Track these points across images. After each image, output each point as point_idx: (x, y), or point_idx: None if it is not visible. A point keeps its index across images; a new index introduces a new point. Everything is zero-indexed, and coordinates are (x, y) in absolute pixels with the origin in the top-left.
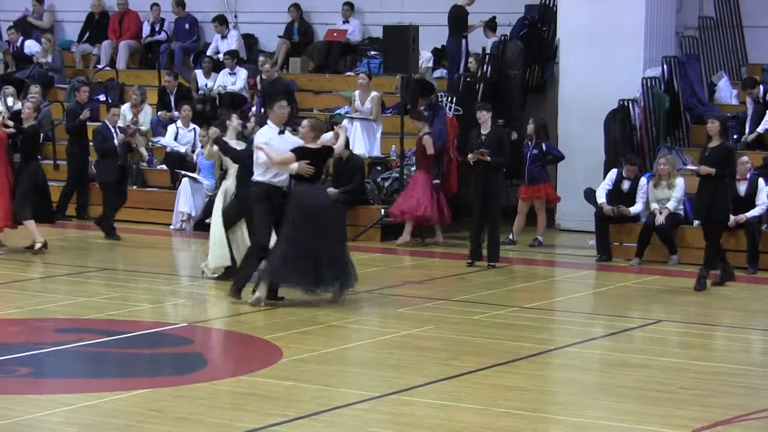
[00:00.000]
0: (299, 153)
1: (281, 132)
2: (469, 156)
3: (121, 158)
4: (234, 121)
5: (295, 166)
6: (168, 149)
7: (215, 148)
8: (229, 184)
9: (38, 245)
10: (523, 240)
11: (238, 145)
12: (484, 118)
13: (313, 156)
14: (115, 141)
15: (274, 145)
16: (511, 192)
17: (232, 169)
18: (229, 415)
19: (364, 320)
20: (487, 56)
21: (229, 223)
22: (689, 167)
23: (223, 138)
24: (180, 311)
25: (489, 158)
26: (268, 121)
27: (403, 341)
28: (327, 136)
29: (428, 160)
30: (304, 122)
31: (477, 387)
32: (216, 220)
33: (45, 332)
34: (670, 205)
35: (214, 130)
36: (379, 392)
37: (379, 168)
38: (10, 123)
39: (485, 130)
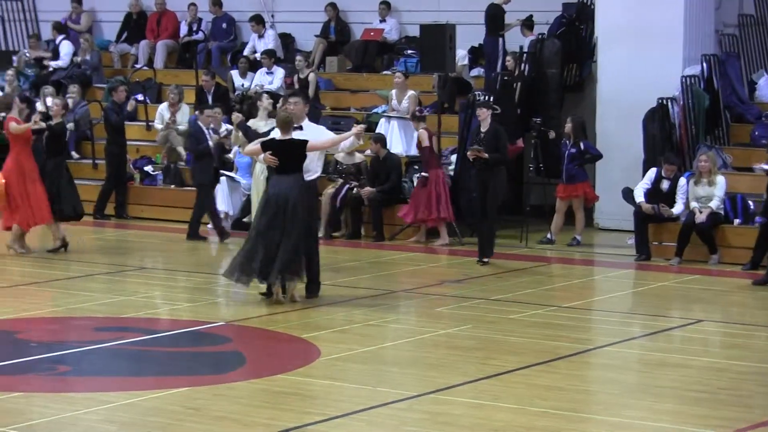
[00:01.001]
0: (264, 144)
1: (298, 127)
2: (468, 152)
3: (216, 160)
4: (264, 101)
5: (261, 156)
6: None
7: (240, 133)
8: (258, 167)
9: (57, 243)
10: (561, 239)
11: (267, 126)
12: (484, 115)
13: (278, 147)
14: (210, 142)
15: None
16: (548, 191)
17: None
18: (267, 414)
19: (402, 319)
20: (525, 55)
21: None
22: (763, 166)
23: (253, 119)
24: (218, 310)
25: (486, 155)
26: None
27: (441, 340)
28: (346, 144)
29: (428, 155)
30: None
31: (515, 386)
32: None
33: (84, 331)
34: (713, 204)
35: (237, 116)
36: (416, 391)
37: (416, 167)
38: (42, 124)
39: (485, 127)
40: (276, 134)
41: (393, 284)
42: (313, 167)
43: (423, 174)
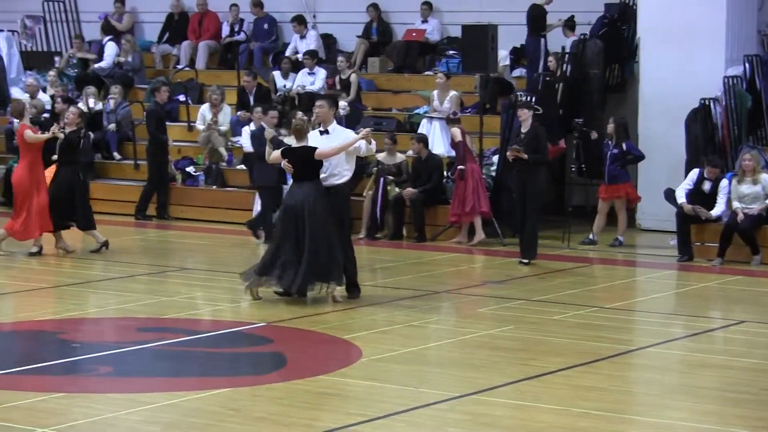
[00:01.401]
0: (283, 152)
1: (324, 132)
2: (508, 153)
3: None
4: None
5: (281, 163)
6: (246, 149)
7: (271, 147)
8: None
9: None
10: (603, 240)
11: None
12: (525, 116)
13: (293, 155)
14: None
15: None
16: (590, 192)
17: None
18: (308, 415)
19: (444, 320)
20: (567, 55)
21: None
22: None
23: (286, 136)
24: (259, 311)
25: (525, 156)
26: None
27: (483, 341)
28: (362, 149)
29: (463, 150)
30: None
31: (556, 387)
32: None
33: (126, 331)
34: (757, 205)
35: (269, 131)
36: (458, 392)
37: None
38: (61, 135)
39: (525, 128)
40: (346, 137)
41: (435, 285)
42: (339, 171)
43: (459, 167)
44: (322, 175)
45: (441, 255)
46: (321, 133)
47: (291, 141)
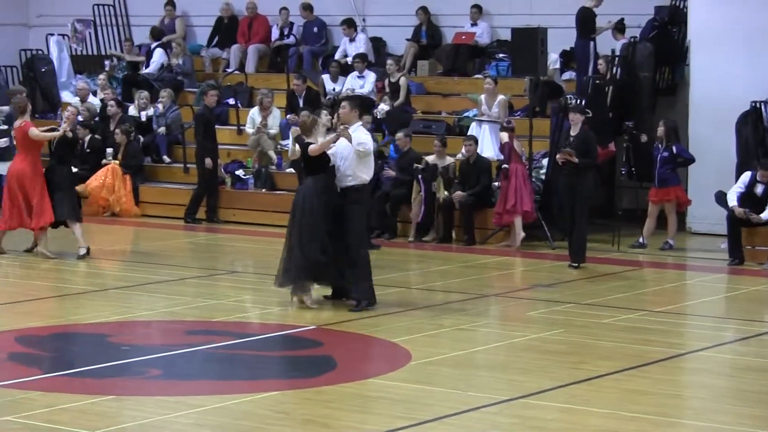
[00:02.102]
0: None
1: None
2: (557, 156)
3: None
4: (323, 118)
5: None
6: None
7: (297, 147)
8: None
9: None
10: (653, 243)
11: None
12: (577, 120)
13: (302, 151)
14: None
15: (339, 145)
16: (641, 195)
17: None
18: (357, 418)
19: (493, 323)
20: (617, 58)
21: None
22: None
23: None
24: (308, 314)
25: (576, 159)
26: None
27: (532, 344)
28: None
29: (508, 151)
30: None
31: (606, 391)
32: None
33: (175, 334)
34: None
35: (295, 129)
36: (507, 396)
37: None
38: (69, 134)
39: (575, 131)
40: (366, 138)
41: (484, 288)
42: (353, 173)
43: (504, 166)
44: (337, 177)
45: (490, 258)
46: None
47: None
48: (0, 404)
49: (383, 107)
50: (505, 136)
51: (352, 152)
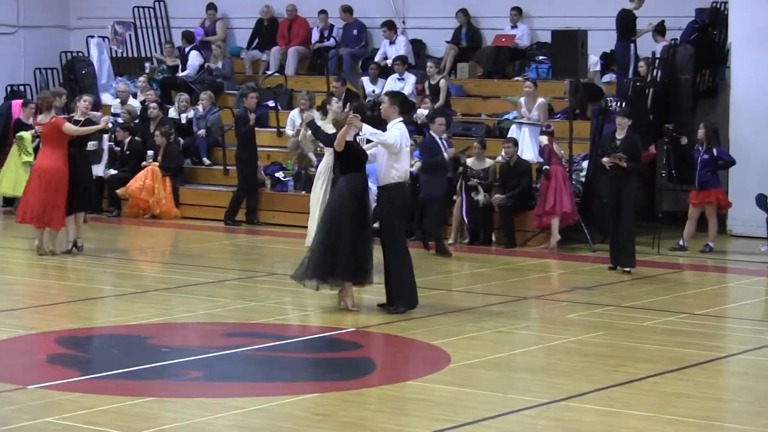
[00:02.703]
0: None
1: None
2: (605, 159)
3: (450, 172)
4: (334, 105)
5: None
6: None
7: (308, 132)
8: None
9: (69, 244)
10: (693, 246)
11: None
12: (624, 124)
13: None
14: (445, 154)
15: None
16: (681, 197)
17: (328, 152)
18: (396, 420)
19: (533, 326)
20: (657, 60)
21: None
22: None
23: (322, 120)
24: (348, 316)
25: (624, 164)
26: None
27: (572, 347)
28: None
29: (548, 153)
30: None
31: (646, 394)
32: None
33: (215, 336)
34: None
35: (308, 114)
36: (547, 398)
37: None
38: (109, 126)
39: (621, 135)
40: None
41: (523, 291)
42: (385, 169)
43: (545, 167)
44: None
45: (530, 261)
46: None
47: (327, 126)
48: (40, 405)
49: (422, 112)
50: (544, 140)
51: (384, 150)
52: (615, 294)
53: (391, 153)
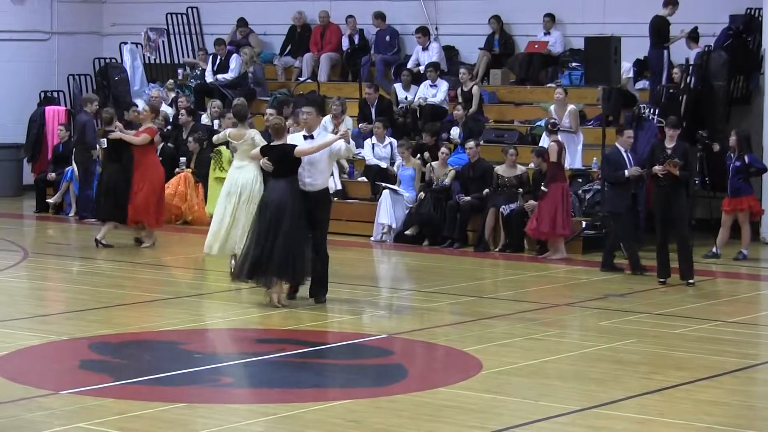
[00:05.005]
0: (262, 150)
1: (309, 137)
2: (657, 168)
3: (635, 187)
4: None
5: (261, 161)
6: (367, 161)
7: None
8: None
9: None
10: (726, 253)
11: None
12: (674, 134)
13: (270, 153)
14: (627, 172)
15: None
16: (714, 204)
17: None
18: (428, 427)
19: (565, 333)
20: (691, 67)
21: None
22: None
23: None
24: (380, 322)
25: (678, 172)
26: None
27: (604, 354)
28: (341, 149)
29: (553, 170)
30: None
31: (679, 402)
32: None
33: (245, 342)
34: None
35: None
36: (579, 406)
37: (580, 180)
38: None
39: (671, 143)
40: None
41: (556, 297)
42: (313, 174)
43: (542, 188)
44: (311, 180)
45: (562, 267)
46: (305, 137)
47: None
48: (73, 411)
49: (456, 131)
50: (553, 151)
51: (324, 155)
52: (648, 301)
53: (330, 157)
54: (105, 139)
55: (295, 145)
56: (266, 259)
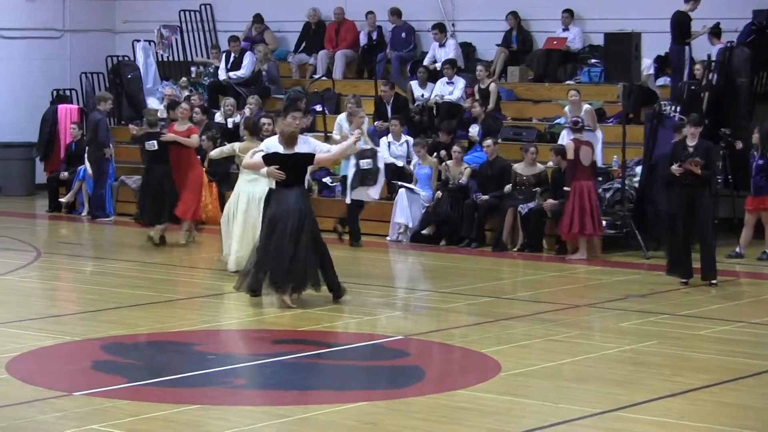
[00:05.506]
0: (269, 158)
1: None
2: (674, 167)
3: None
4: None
5: (264, 170)
6: (384, 160)
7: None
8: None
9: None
10: (750, 253)
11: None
12: (696, 132)
13: (284, 162)
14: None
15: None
16: (738, 203)
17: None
18: (446, 430)
19: (585, 334)
20: (713, 63)
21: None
22: None
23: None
24: (396, 323)
25: (699, 171)
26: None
27: (625, 356)
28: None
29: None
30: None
31: (701, 404)
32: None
33: (261, 343)
34: None
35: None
36: (600, 408)
37: (600, 179)
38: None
39: (692, 142)
40: (313, 147)
41: (575, 298)
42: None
43: (565, 188)
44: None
45: (581, 268)
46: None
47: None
48: (85, 413)
49: (475, 128)
50: (570, 149)
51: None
52: (669, 302)
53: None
54: (155, 141)
55: (311, 154)
56: (286, 269)
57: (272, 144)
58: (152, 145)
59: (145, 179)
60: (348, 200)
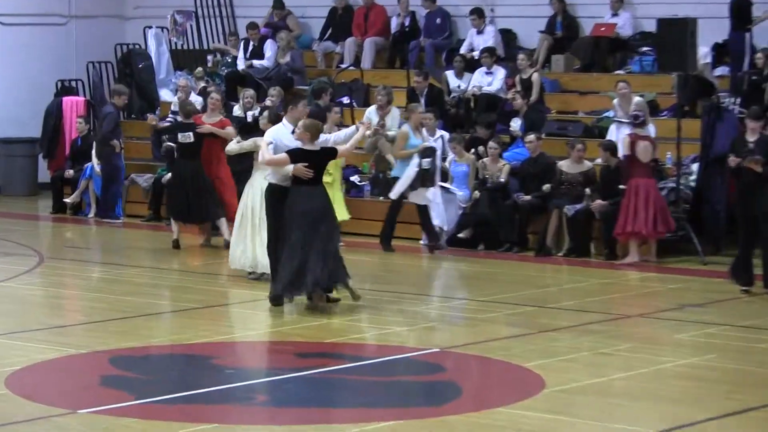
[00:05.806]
0: (295, 155)
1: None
2: (732, 159)
3: None
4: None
5: (290, 167)
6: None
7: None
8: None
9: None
10: None
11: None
12: (756, 127)
13: (310, 158)
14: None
15: (284, 143)
16: None
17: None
18: None
19: (637, 347)
20: None
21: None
22: None
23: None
24: (431, 335)
25: (760, 168)
26: (284, 119)
27: (681, 371)
28: (348, 131)
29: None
30: (300, 123)
31: (763, 424)
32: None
33: (284, 357)
34: None
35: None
36: (653, 428)
37: None
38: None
39: (752, 137)
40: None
41: (626, 308)
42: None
43: (620, 187)
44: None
45: (633, 274)
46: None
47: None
48: None
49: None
50: (627, 144)
51: None
52: (729, 312)
53: None
54: (191, 133)
55: (334, 149)
56: (331, 269)
57: (281, 135)
58: (188, 137)
59: (176, 174)
60: (394, 196)
